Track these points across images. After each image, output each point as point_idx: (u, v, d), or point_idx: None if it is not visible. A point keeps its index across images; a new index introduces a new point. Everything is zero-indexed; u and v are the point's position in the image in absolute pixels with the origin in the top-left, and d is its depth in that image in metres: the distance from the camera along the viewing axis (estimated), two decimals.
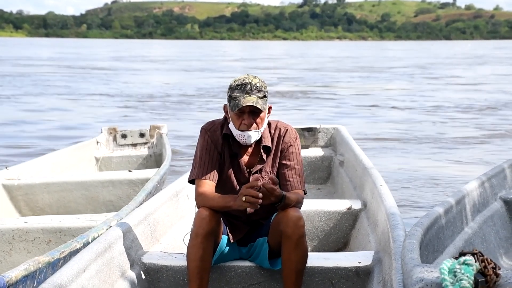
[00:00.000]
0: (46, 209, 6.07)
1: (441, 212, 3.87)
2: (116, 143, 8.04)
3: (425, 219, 3.61)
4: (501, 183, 5.12)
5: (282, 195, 3.45)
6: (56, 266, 3.54)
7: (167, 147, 7.30)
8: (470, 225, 4.39)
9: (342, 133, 6.77)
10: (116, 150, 8.00)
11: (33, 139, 13.10)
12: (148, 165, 7.78)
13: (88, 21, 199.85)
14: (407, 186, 8.97)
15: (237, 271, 3.73)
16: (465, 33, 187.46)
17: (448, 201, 4.09)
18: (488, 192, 4.83)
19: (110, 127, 8.18)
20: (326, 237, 4.85)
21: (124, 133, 8.05)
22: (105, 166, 7.74)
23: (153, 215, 4.20)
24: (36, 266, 3.37)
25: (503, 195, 5.04)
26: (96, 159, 7.70)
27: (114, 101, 20.36)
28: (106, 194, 6.17)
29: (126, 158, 7.87)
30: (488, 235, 4.59)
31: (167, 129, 8.17)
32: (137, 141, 8.07)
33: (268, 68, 39.55)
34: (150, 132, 8.08)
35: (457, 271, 2.50)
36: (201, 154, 3.64)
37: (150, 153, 7.97)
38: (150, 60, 50.68)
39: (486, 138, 13.37)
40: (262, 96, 3.52)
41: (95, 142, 7.84)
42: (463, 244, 4.12)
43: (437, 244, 3.77)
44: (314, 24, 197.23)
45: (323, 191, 6.56)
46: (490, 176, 4.95)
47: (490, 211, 4.78)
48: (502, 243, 4.78)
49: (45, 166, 6.63)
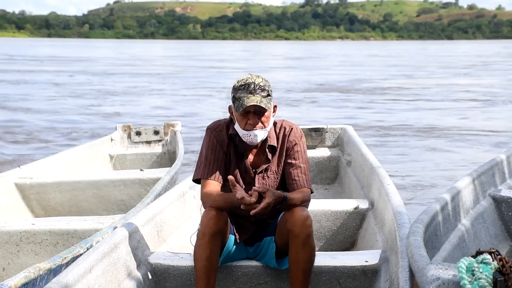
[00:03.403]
0: (58, 208, 6.05)
1: (438, 209, 3.87)
2: (131, 140, 8.01)
3: (424, 215, 3.60)
4: (490, 180, 5.14)
5: (283, 196, 3.44)
6: (58, 273, 3.46)
7: (180, 146, 7.28)
8: (462, 222, 4.40)
9: (349, 133, 6.76)
10: (130, 148, 7.97)
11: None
12: (162, 163, 7.76)
13: (90, 21, 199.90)
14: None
15: (244, 270, 3.73)
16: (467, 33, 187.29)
17: (444, 198, 4.09)
18: (478, 190, 4.85)
19: (125, 124, 8.15)
20: (333, 237, 4.84)
21: (139, 130, 8.02)
22: (119, 164, 7.71)
23: (160, 215, 4.19)
24: (37, 273, 3.30)
25: (491, 192, 5.06)
26: (111, 156, 7.68)
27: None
28: (117, 194, 6.14)
29: (140, 155, 7.85)
30: (479, 232, 4.60)
31: (181, 126, 8.13)
32: (151, 139, 8.05)
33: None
34: (164, 129, 8.05)
35: (475, 269, 2.48)
36: (207, 154, 3.63)
37: (164, 151, 7.94)
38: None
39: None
40: (266, 95, 3.52)
41: (110, 139, 7.82)
42: (457, 241, 4.13)
43: (435, 241, 3.77)
44: (316, 24, 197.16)
45: (331, 191, 6.54)
46: (480, 173, 4.97)
47: (481, 208, 4.80)
48: (492, 240, 4.79)
49: (58, 164, 6.61)
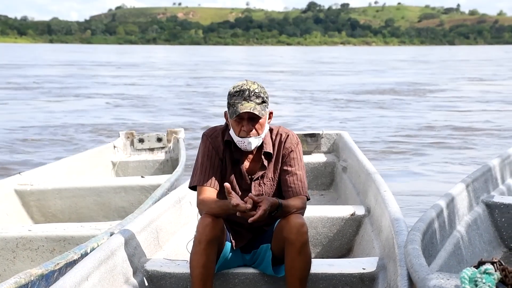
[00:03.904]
0: (58, 215, 6.03)
1: (434, 216, 3.86)
2: (133, 147, 8.01)
3: (421, 223, 3.60)
4: (483, 186, 5.14)
5: (278, 203, 3.44)
6: (51, 279, 3.43)
7: (182, 153, 7.28)
8: (457, 229, 4.39)
9: (345, 139, 6.75)
10: (133, 155, 7.97)
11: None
12: (165, 170, 7.75)
13: (92, 27, 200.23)
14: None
15: (241, 278, 3.72)
16: (469, 38, 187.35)
17: (439, 205, 4.09)
18: (472, 196, 4.85)
19: (128, 131, 8.16)
20: (329, 243, 4.82)
21: (142, 137, 8.03)
22: (122, 171, 7.70)
23: (156, 222, 4.19)
24: (28, 279, 3.25)
25: (484, 198, 5.06)
26: (113, 163, 7.67)
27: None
28: (118, 201, 6.12)
29: (143, 162, 7.84)
30: (473, 239, 4.59)
31: (184, 134, 8.13)
32: (154, 146, 8.04)
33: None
34: (167, 136, 8.05)
35: (478, 280, 2.47)
36: (203, 161, 3.63)
37: (167, 158, 7.93)
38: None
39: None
40: (260, 102, 3.51)
41: (112, 146, 7.82)
42: (452, 249, 4.12)
43: (431, 249, 3.76)
44: (317, 29, 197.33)
45: (326, 197, 6.53)
46: (473, 179, 4.96)
47: (474, 214, 4.79)
48: (486, 247, 4.78)
49: (60, 171, 6.59)
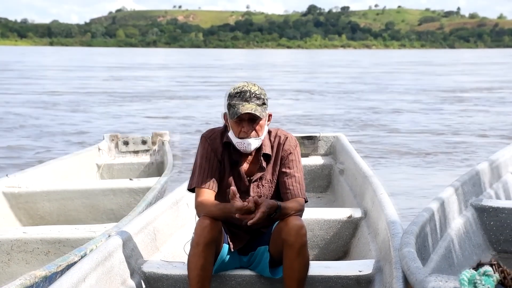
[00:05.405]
0: (46, 217, 6.02)
1: (426, 219, 3.87)
2: (118, 150, 7.98)
3: (414, 226, 3.60)
4: (471, 190, 5.15)
5: (277, 205, 3.45)
6: (53, 280, 3.46)
7: (169, 156, 7.27)
8: (448, 232, 4.40)
9: (342, 142, 6.76)
10: (118, 157, 7.94)
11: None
12: (150, 173, 7.74)
13: (92, 30, 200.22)
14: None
15: (238, 280, 3.72)
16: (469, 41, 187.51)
17: (430, 208, 4.09)
18: (461, 199, 4.85)
19: (112, 134, 8.13)
20: (326, 246, 4.84)
21: (126, 140, 8.00)
22: (107, 174, 7.67)
23: (153, 223, 4.20)
24: (33, 281, 3.30)
25: (473, 201, 5.07)
26: (98, 166, 7.64)
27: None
28: (107, 203, 6.12)
29: (128, 165, 7.81)
30: (463, 242, 4.59)
31: (169, 136, 8.12)
32: (139, 148, 8.03)
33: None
34: (152, 139, 8.04)
35: (477, 282, 2.47)
36: (201, 162, 3.64)
37: (152, 161, 7.91)
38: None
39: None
40: (261, 103, 3.53)
41: (97, 149, 7.78)
42: (443, 252, 4.13)
43: (424, 252, 3.76)
44: (318, 32, 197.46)
45: (323, 200, 6.54)
46: (462, 182, 4.97)
47: (464, 218, 4.80)
48: (475, 250, 4.79)
49: (46, 173, 6.57)
